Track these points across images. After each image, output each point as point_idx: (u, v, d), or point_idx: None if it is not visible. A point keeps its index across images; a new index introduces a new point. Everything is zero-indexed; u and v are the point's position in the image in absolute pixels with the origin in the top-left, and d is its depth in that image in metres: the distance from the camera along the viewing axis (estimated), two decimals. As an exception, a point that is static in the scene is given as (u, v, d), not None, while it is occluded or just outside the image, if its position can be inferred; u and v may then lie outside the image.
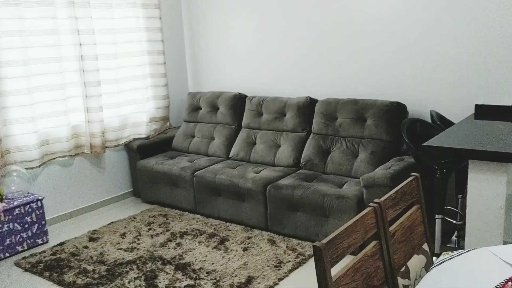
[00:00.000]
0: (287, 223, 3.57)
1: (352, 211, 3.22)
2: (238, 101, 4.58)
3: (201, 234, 3.72)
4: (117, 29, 4.45)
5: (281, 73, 4.52)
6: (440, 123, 3.35)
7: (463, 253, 1.64)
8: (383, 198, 1.51)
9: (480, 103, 3.49)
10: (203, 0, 4.95)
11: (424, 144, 2.54)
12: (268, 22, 4.50)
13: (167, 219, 4.08)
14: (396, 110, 3.67)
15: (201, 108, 4.81)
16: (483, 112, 3.42)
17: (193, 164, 4.28)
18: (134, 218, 4.15)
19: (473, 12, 3.40)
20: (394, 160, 3.51)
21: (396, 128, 3.66)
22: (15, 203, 3.60)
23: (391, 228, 1.57)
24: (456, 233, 3.45)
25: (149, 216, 4.17)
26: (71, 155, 4.21)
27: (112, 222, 4.08)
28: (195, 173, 4.11)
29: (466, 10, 3.42)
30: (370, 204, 1.46)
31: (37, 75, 3.88)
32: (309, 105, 4.14)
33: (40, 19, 3.85)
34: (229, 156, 4.45)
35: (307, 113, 4.13)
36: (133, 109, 4.69)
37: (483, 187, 2.45)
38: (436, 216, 3.17)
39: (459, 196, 3.49)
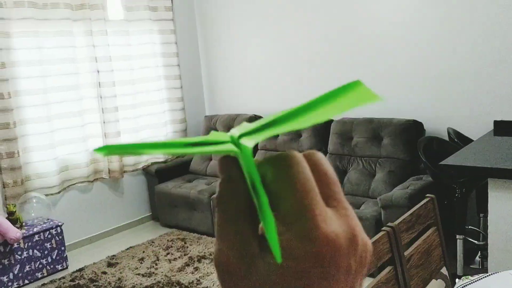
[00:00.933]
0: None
1: (370, 233, 3.16)
2: (254, 123, 4.59)
3: (218, 258, 3.69)
4: (133, 56, 4.53)
5: (295, 95, 4.52)
6: (458, 140, 3.29)
7: (483, 277, 1.59)
8: (397, 221, 1.48)
9: (498, 119, 3.43)
10: (217, 24, 5.02)
11: (441, 163, 2.50)
12: (282, 44, 4.52)
13: (185, 243, 4.08)
14: (413, 129, 3.63)
15: (217, 131, 4.81)
16: (502, 128, 3.36)
17: (210, 187, 4.28)
18: (153, 242, 4.15)
19: (491, 27, 3.36)
20: (412, 179, 3.45)
21: (413, 147, 3.61)
22: (35, 229, 3.65)
23: (406, 253, 1.53)
24: (479, 254, 3.35)
25: (167, 240, 4.17)
26: (89, 181, 4.26)
27: (130, 247, 4.09)
28: (212, 196, 4.10)
29: (483, 24, 3.39)
30: (383, 229, 1.44)
31: (56, 103, 3.97)
32: (324, 125, 4.12)
33: (58, 48, 3.96)
34: (246, 178, 4.44)
35: (322, 133, 4.11)
36: (151, 133, 4.74)
37: (504, 206, 2.38)
38: (458, 236, 3.09)
39: (481, 215, 3.40)
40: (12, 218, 3.59)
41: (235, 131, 0.31)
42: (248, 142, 0.30)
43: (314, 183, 0.29)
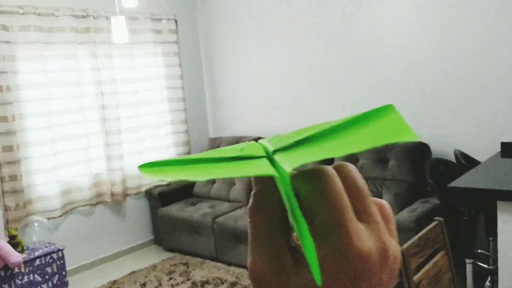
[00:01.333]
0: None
1: (377, 257, 3.10)
2: (258, 145, 4.56)
3: (222, 283, 3.62)
4: (138, 78, 4.54)
5: (300, 117, 4.51)
6: (465, 162, 3.24)
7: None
8: (405, 246, 1.43)
9: (506, 140, 3.38)
10: (221, 47, 5.04)
11: (449, 185, 2.45)
12: (286, 67, 4.53)
13: (188, 267, 4.01)
14: (419, 150, 3.59)
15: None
16: (510, 150, 3.31)
17: (213, 210, 4.23)
18: (155, 267, 4.08)
19: (499, 47, 3.35)
20: (419, 202, 3.40)
21: (419, 169, 3.56)
22: (36, 253, 3.60)
23: (415, 278, 1.48)
24: (489, 278, 3.27)
25: (170, 264, 4.10)
26: (92, 204, 4.22)
27: (132, 272, 4.02)
28: (216, 220, 4.05)
29: (491, 45, 3.38)
30: (391, 253, 1.39)
31: (60, 125, 3.97)
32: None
33: (63, 71, 3.97)
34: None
35: (327, 155, 4.07)
36: (155, 156, 4.71)
37: (514, 230, 2.33)
38: (466, 260, 3.02)
39: (490, 238, 3.33)
40: (14, 242, 3.54)
41: (268, 145, 0.32)
42: (286, 165, 0.29)
43: (346, 199, 0.30)
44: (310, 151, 0.30)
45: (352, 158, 3.85)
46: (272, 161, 0.30)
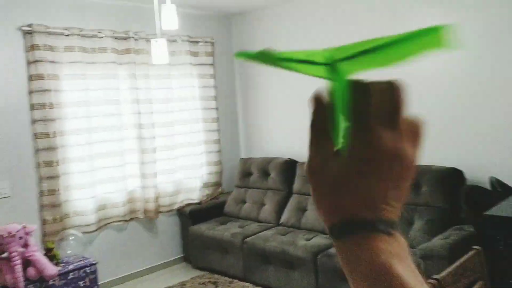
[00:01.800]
0: (340, 294, 3.43)
1: (409, 284, 3.05)
2: (289, 167, 4.59)
3: (251, 304, 3.62)
4: (174, 98, 4.66)
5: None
6: (502, 190, 3.19)
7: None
8: (442, 274, 1.43)
9: (544, 169, 3.32)
10: (255, 69, 5.13)
11: (486, 213, 2.42)
12: (315, 88, 4.56)
13: (216, 286, 4.02)
14: (453, 176, 3.55)
15: (252, 174, 4.84)
16: (548, 179, 3.24)
17: (243, 230, 4.26)
18: (184, 284, 4.12)
19: (530, 77, 3.32)
20: (452, 229, 3.34)
21: (453, 195, 3.51)
22: (70, 267, 3.68)
23: (452, 307, 1.47)
24: (526, 311, 3.17)
25: (199, 283, 4.13)
26: (125, 220, 4.31)
27: (162, 288, 4.07)
28: (245, 240, 4.08)
29: (523, 75, 3.34)
30: (428, 281, 1.39)
31: (98, 143, 4.09)
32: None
33: (103, 90, 4.11)
34: (280, 222, 4.41)
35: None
36: (187, 175, 4.80)
37: (553, 262, 2.27)
38: (502, 291, 2.95)
39: (527, 269, 3.24)
40: (50, 254, 3.64)
41: (334, 53, 0.42)
42: (346, 73, 0.42)
43: (378, 111, 0.40)
44: (368, 61, 0.41)
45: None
46: (335, 68, 0.43)
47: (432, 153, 3.84)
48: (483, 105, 3.55)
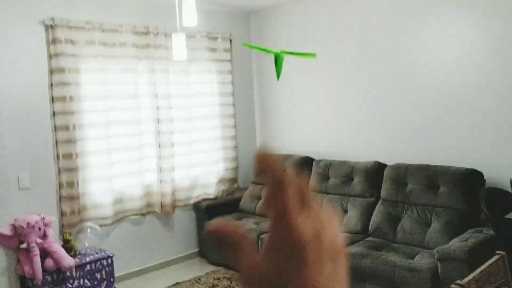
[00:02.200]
0: (355, 294, 3.41)
1: (426, 286, 3.03)
2: (305, 164, 4.58)
3: (265, 300, 3.62)
4: (192, 94, 4.68)
5: (348, 137, 4.50)
6: (522, 193, 3.14)
7: None
8: (466, 279, 1.41)
9: None
10: (273, 66, 5.10)
11: (507, 216, 2.39)
12: (336, 87, 4.55)
13: (231, 282, 4.04)
14: (472, 178, 3.51)
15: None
16: None
17: (259, 226, 4.26)
18: (199, 279, 4.14)
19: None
20: (471, 231, 3.30)
21: (472, 197, 3.47)
22: (87, 259, 3.72)
23: (475, 312, 1.45)
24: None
25: (214, 278, 4.15)
26: (142, 214, 4.34)
27: (177, 283, 4.09)
28: (261, 236, 4.08)
29: (547, 77, 3.28)
30: (452, 286, 1.38)
31: (116, 137, 4.12)
32: (377, 169, 4.05)
33: (122, 84, 4.14)
34: (295, 220, 4.40)
35: (375, 178, 4.04)
36: (204, 170, 4.81)
37: None
38: (521, 296, 2.91)
39: (547, 274, 3.19)
40: (67, 246, 3.69)
41: (283, 52, 1.53)
42: (283, 55, 1.56)
43: (297, 198, 0.42)
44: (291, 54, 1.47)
45: (401, 182, 3.81)
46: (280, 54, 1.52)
47: (451, 153, 3.80)
48: (504, 105, 3.50)
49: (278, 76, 1.47)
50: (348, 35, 4.40)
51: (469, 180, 3.50)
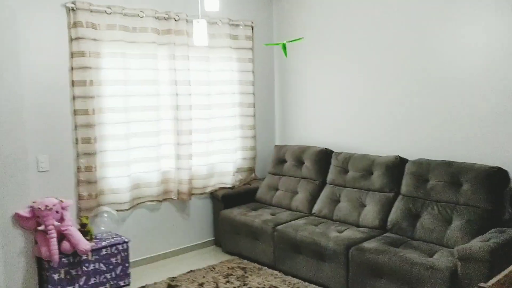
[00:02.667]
0: (371, 289, 3.35)
1: (444, 285, 2.96)
2: (324, 156, 4.52)
3: (279, 292, 3.60)
4: (212, 81, 4.64)
5: (369, 130, 4.41)
6: (549, 194, 3.03)
7: None
8: (490, 282, 1.35)
9: None
10: (294, 56, 5.04)
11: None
12: (357, 79, 4.45)
13: (245, 272, 4.02)
14: (497, 176, 3.40)
15: (286, 161, 4.79)
16: None
17: (275, 217, 4.22)
18: (213, 268, 4.13)
19: None
20: (493, 231, 3.21)
21: (496, 196, 3.37)
22: (103, 243, 3.74)
23: (497, 317, 1.39)
24: None
25: (228, 267, 4.13)
26: (158, 200, 4.34)
27: (191, 271, 4.09)
28: (277, 228, 4.04)
29: None
30: (474, 289, 1.31)
31: (135, 122, 4.11)
32: (398, 164, 3.96)
33: (142, 70, 4.12)
34: (312, 212, 4.35)
35: (395, 173, 3.95)
36: (221, 159, 4.79)
37: None
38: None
39: None
40: (84, 230, 3.71)
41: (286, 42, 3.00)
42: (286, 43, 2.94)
43: None
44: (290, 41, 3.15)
45: (422, 178, 3.72)
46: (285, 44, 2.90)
47: (476, 150, 3.69)
48: (535, 103, 3.37)
49: (285, 55, 2.87)
50: (373, 25, 4.30)
51: (494, 178, 3.39)
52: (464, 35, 3.68)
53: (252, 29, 4.96)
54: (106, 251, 3.72)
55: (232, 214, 4.44)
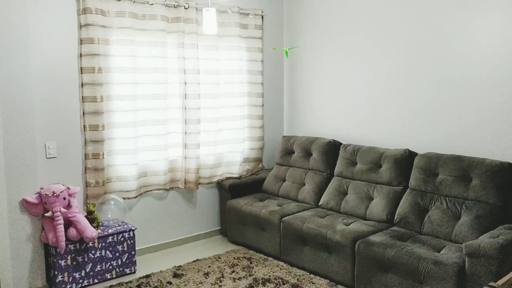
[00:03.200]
0: (376, 284, 3.34)
1: (451, 281, 2.93)
2: (332, 148, 4.48)
3: (283, 284, 3.59)
4: (220, 70, 4.60)
5: (378, 122, 4.36)
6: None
7: None
8: (500, 282, 1.32)
9: None
10: (304, 47, 4.99)
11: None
12: (367, 71, 4.40)
13: (251, 262, 4.02)
14: (508, 172, 3.35)
15: (294, 152, 4.77)
16: None
17: (281, 208, 4.21)
18: (219, 258, 4.13)
19: None
20: (503, 227, 3.16)
21: (506, 192, 3.32)
22: (110, 230, 3.76)
23: (507, 317, 1.36)
24: None
25: (234, 257, 4.13)
26: (165, 189, 4.34)
27: (197, 260, 4.10)
28: (283, 219, 4.03)
29: None
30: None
31: (143, 110, 4.10)
32: (407, 158, 3.92)
33: (151, 58, 4.10)
34: (319, 204, 4.33)
35: (404, 166, 3.91)
36: (229, 148, 4.77)
37: None
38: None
39: None
40: (91, 217, 3.73)
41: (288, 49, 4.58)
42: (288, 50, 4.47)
43: None
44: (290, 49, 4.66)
45: (431, 172, 3.68)
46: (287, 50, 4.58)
47: (486, 145, 3.64)
48: (549, 98, 3.31)
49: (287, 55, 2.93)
50: (384, 16, 4.23)
51: (504, 174, 3.35)
52: (478, 29, 3.61)
53: (262, 18, 4.91)
54: (112, 238, 3.73)
55: (239, 204, 4.43)
